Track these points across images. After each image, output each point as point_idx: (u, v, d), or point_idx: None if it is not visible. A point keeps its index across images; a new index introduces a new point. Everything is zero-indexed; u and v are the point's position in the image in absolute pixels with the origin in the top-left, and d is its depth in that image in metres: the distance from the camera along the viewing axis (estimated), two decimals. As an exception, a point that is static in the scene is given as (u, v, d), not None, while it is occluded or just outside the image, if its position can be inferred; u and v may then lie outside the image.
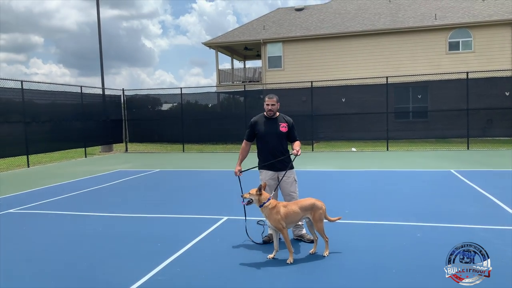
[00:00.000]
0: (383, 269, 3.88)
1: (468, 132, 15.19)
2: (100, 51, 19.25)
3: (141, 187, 9.05)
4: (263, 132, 4.79)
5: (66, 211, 6.73)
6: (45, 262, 4.36)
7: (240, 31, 23.81)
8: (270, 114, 4.81)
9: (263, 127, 4.81)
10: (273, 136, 4.76)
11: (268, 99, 4.80)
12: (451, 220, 5.50)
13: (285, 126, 4.80)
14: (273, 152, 4.74)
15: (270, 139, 4.76)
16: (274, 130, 4.76)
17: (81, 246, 4.89)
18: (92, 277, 3.91)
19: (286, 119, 4.89)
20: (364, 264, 4.02)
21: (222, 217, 5.94)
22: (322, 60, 21.23)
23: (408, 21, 20.56)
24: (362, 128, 16.62)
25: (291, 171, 4.80)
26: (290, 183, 4.77)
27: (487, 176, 9.02)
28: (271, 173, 4.78)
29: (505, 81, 15.84)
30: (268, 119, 4.85)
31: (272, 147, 4.74)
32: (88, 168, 12.49)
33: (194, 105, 19.46)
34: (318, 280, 3.70)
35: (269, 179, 4.76)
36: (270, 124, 4.80)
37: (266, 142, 4.79)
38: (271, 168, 4.78)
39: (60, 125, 15.00)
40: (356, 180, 9.11)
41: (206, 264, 4.17)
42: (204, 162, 13.50)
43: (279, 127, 4.77)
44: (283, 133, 4.77)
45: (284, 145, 4.82)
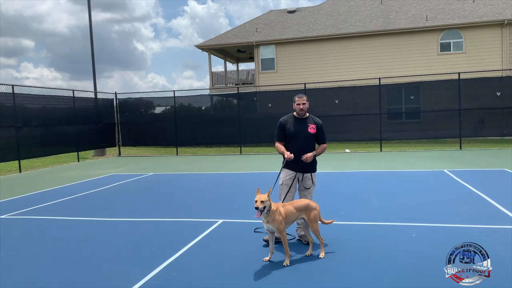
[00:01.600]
0: (379, 270, 3.88)
1: (460, 132, 15.30)
2: (92, 54, 19.16)
3: (134, 191, 8.99)
4: (292, 133, 4.74)
5: (59, 216, 6.66)
6: (37, 268, 4.30)
7: (233, 33, 23.82)
8: (302, 113, 4.76)
9: (291, 127, 4.76)
10: (301, 136, 4.71)
11: (298, 99, 4.75)
12: (445, 219, 5.52)
13: (314, 128, 4.75)
14: (300, 152, 4.64)
15: (298, 140, 4.71)
16: (302, 131, 4.71)
17: (74, 251, 4.84)
18: (86, 283, 3.87)
19: (316, 120, 4.85)
20: (360, 265, 4.03)
21: (217, 220, 5.92)
22: (315, 62, 21.30)
23: (399, 23, 20.70)
24: (355, 129, 16.68)
25: (313, 174, 4.79)
26: (308, 185, 4.76)
27: (480, 175, 9.08)
28: (292, 173, 4.74)
29: (496, 81, 16.00)
30: (298, 119, 4.80)
31: (299, 148, 4.66)
32: (81, 172, 12.40)
33: (187, 108, 19.40)
34: (314, 282, 3.69)
35: (288, 179, 4.74)
36: (299, 125, 4.76)
37: (294, 143, 4.73)
38: (292, 167, 4.73)
39: (52, 129, 14.87)
40: (350, 181, 9.13)
41: (202, 267, 4.14)
42: (198, 165, 13.46)
43: (308, 128, 4.73)
44: (311, 134, 4.74)
45: (311, 146, 4.76)
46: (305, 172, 4.73)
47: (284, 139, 4.84)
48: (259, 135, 16.75)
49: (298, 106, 4.74)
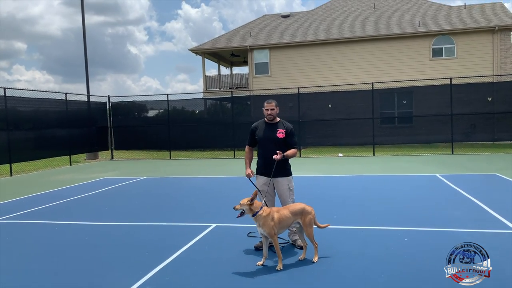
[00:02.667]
0: (373, 274, 3.90)
1: (452, 136, 15.43)
2: (85, 57, 19.08)
3: (127, 195, 8.94)
4: (261, 137, 4.80)
5: (51, 220, 6.60)
6: (27, 273, 4.26)
7: (227, 37, 23.86)
8: (270, 118, 4.80)
9: (261, 132, 4.82)
10: (270, 141, 4.74)
11: (267, 104, 4.80)
12: (437, 224, 5.56)
13: (283, 132, 4.76)
14: (269, 157, 4.67)
15: (267, 145, 4.74)
16: (271, 136, 4.75)
17: (66, 256, 4.79)
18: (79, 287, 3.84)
19: (286, 125, 4.86)
20: (353, 269, 4.04)
21: (210, 224, 5.90)
22: (309, 66, 21.40)
23: (392, 28, 20.89)
24: (348, 133, 16.77)
25: (284, 179, 4.76)
26: (283, 191, 4.74)
27: (472, 180, 9.17)
28: (265, 179, 4.76)
29: (487, 87, 16.19)
30: (268, 124, 4.84)
31: (268, 153, 4.69)
32: (73, 176, 12.31)
33: (181, 112, 19.38)
34: (308, 286, 3.69)
35: (263, 185, 4.74)
36: (269, 130, 4.80)
37: (264, 147, 4.79)
38: (264, 173, 4.76)
39: (44, 132, 14.76)
40: (344, 185, 9.17)
41: (195, 272, 4.13)
42: (192, 169, 13.42)
43: (276, 132, 4.76)
44: (280, 139, 4.74)
45: (281, 151, 4.71)
46: (277, 177, 4.71)
47: (254, 145, 4.94)
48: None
49: (266, 112, 4.80)
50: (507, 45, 19.36)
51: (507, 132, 16.21)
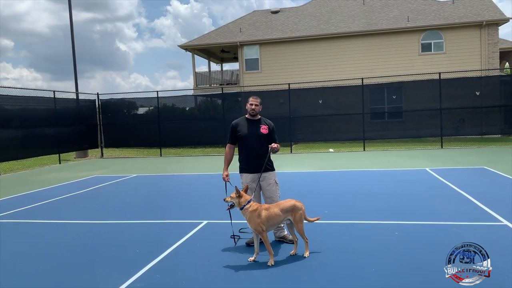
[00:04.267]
0: (363, 268, 3.92)
1: (441, 131, 15.58)
2: (73, 54, 18.85)
3: (117, 193, 8.88)
4: (244, 134, 4.78)
5: (39, 219, 6.53)
6: (16, 273, 4.20)
7: (217, 33, 23.76)
8: (253, 113, 4.79)
9: (244, 129, 4.80)
10: (254, 137, 4.74)
11: (253, 99, 4.81)
12: (427, 217, 5.61)
13: (266, 128, 4.80)
14: (253, 154, 4.72)
15: (251, 141, 4.74)
16: (255, 132, 4.75)
17: (55, 255, 4.75)
18: (70, 286, 3.80)
19: (267, 122, 4.90)
20: (344, 264, 4.06)
21: (201, 221, 5.89)
22: (299, 62, 21.41)
23: (381, 23, 20.97)
24: (339, 129, 16.83)
25: (271, 173, 4.79)
26: (270, 186, 4.75)
27: (460, 173, 9.27)
28: (251, 176, 4.76)
29: (475, 81, 16.37)
30: (250, 121, 4.84)
31: (252, 149, 4.72)
32: (62, 174, 12.18)
33: (171, 109, 19.26)
34: (299, 281, 3.70)
35: (249, 182, 4.74)
36: (251, 126, 4.80)
37: (247, 144, 4.77)
38: (250, 170, 4.77)
39: (32, 131, 14.56)
40: (334, 180, 9.20)
41: (187, 269, 4.12)
42: (183, 166, 13.37)
43: (260, 129, 4.77)
44: (263, 135, 4.77)
45: (264, 147, 4.80)
46: (263, 172, 4.73)
47: (235, 142, 4.90)
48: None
49: (250, 106, 4.79)
50: (494, 39, 19.56)
51: (494, 126, 16.43)
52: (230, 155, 4.96)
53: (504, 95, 16.58)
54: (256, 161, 4.71)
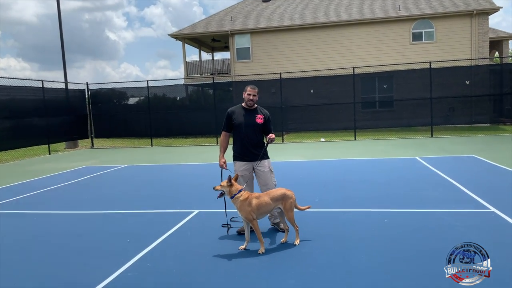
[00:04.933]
0: (353, 255, 3.96)
1: (432, 120, 15.69)
2: (62, 44, 18.56)
3: (108, 183, 8.84)
4: (239, 123, 4.75)
5: (29, 210, 6.48)
6: (6, 263, 4.18)
7: (207, 22, 23.52)
8: (250, 104, 4.77)
9: (239, 118, 4.77)
10: (249, 127, 4.73)
11: (251, 89, 4.76)
12: (417, 205, 5.68)
13: (262, 118, 4.78)
14: (248, 142, 4.71)
15: (246, 130, 4.73)
16: (250, 121, 4.73)
17: (46, 245, 4.72)
18: (60, 276, 3.79)
19: (263, 111, 4.87)
20: (334, 251, 4.10)
21: (192, 210, 5.89)
22: (290, 51, 21.32)
23: (373, 12, 20.92)
24: (330, 118, 16.86)
25: (266, 161, 4.79)
26: (265, 174, 4.74)
27: (450, 162, 9.37)
28: (244, 164, 4.75)
29: (465, 70, 16.46)
30: (246, 110, 4.81)
31: (247, 138, 4.71)
32: (52, 165, 12.07)
33: (162, 98, 19.11)
34: (290, 268, 3.73)
35: (242, 170, 4.73)
36: (247, 115, 4.77)
37: (241, 133, 4.75)
38: (244, 159, 4.76)
39: (21, 121, 14.37)
40: (325, 169, 9.25)
41: (178, 258, 4.13)
42: (174, 156, 13.33)
43: (256, 118, 4.75)
44: (259, 124, 4.75)
45: (259, 136, 4.80)
46: (257, 160, 4.73)
47: (231, 130, 4.88)
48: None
49: (248, 96, 4.75)
50: (484, 29, 19.64)
51: (484, 115, 16.59)
52: (226, 143, 4.94)
53: (493, 84, 16.73)
54: (250, 150, 4.71)
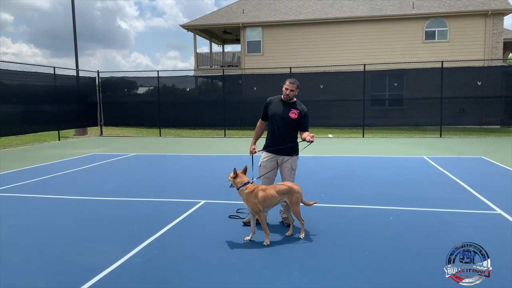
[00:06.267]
0: (357, 250, 3.99)
1: (441, 120, 15.58)
2: (74, 31, 18.66)
3: (116, 171, 8.93)
4: (273, 113, 4.73)
5: (39, 194, 6.59)
6: (17, 246, 4.27)
7: (219, 14, 23.48)
8: (287, 98, 4.72)
9: (274, 109, 4.74)
10: (281, 119, 4.67)
11: (290, 84, 4.69)
12: (423, 204, 5.68)
13: (296, 113, 4.67)
14: (277, 135, 4.67)
15: (278, 122, 4.68)
16: (283, 114, 4.67)
17: (55, 229, 4.81)
18: (68, 260, 3.87)
19: (301, 107, 4.76)
20: (338, 246, 4.13)
21: (199, 200, 5.95)
22: (301, 45, 21.23)
23: (386, 9, 20.73)
24: (339, 115, 16.81)
25: (290, 158, 4.71)
26: (286, 170, 4.73)
27: (458, 162, 9.32)
28: (270, 155, 4.75)
29: (477, 71, 16.29)
30: (283, 102, 4.76)
31: (278, 130, 4.67)
32: (61, 151, 12.21)
33: (171, 89, 19.19)
34: (294, 261, 3.78)
35: (266, 161, 4.75)
36: (282, 107, 4.72)
37: (273, 124, 4.72)
38: (270, 150, 4.75)
39: (32, 107, 14.53)
40: (332, 165, 9.26)
41: (184, 246, 4.18)
42: (182, 146, 13.40)
43: (289, 112, 4.67)
44: (291, 119, 4.66)
45: (291, 131, 4.70)
46: (283, 155, 4.72)
47: (267, 119, 4.86)
48: (244, 118, 16.69)
49: (286, 91, 4.69)
50: (499, 29, 19.38)
51: (494, 116, 16.43)
52: (260, 131, 4.95)
53: (505, 86, 16.53)
54: (278, 142, 4.67)
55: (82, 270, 3.62)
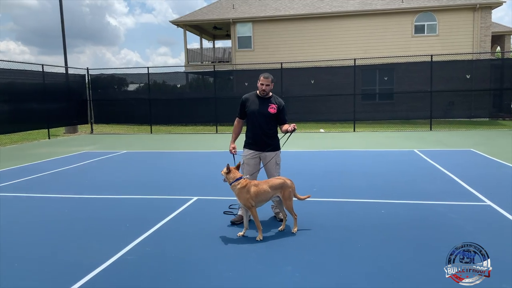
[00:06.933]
0: (349, 244, 4.02)
1: (431, 113, 15.71)
2: (62, 28, 18.44)
3: (107, 168, 8.87)
4: (252, 111, 4.71)
5: (29, 193, 6.52)
6: (6, 246, 4.23)
7: (209, 9, 23.36)
8: (263, 94, 4.71)
9: (252, 106, 4.73)
10: (261, 115, 4.67)
11: (264, 79, 4.67)
12: (413, 196, 5.73)
13: (275, 108, 4.69)
14: (258, 131, 4.66)
15: (257, 119, 4.68)
16: (262, 110, 4.67)
17: (46, 228, 4.77)
18: (59, 259, 3.84)
19: (278, 100, 4.78)
20: (331, 240, 4.15)
21: (192, 197, 5.94)
22: (292, 41, 21.21)
23: (376, 4, 20.79)
24: (330, 109, 16.87)
25: (272, 153, 4.72)
26: (270, 165, 4.73)
27: (448, 155, 9.42)
28: (252, 152, 4.74)
29: (466, 64, 16.45)
30: (260, 98, 4.75)
31: (258, 127, 4.66)
32: (51, 149, 12.09)
33: (162, 86, 19.08)
34: (287, 256, 3.79)
35: (249, 158, 4.73)
36: (260, 104, 4.71)
37: (253, 121, 4.71)
38: (253, 147, 4.73)
39: (20, 105, 14.34)
40: (324, 160, 9.29)
41: (176, 243, 4.18)
42: (173, 143, 13.35)
43: (268, 107, 4.68)
44: (271, 114, 4.68)
45: (271, 126, 4.71)
46: (265, 151, 4.71)
47: (244, 117, 4.85)
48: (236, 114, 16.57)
49: (261, 86, 4.69)
50: (487, 23, 19.55)
51: (483, 109, 16.61)
52: (239, 129, 4.94)
53: (493, 79, 16.72)
54: (261, 138, 4.66)
55: (74, 269, 3.60)
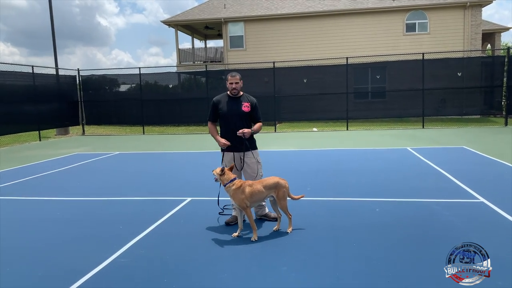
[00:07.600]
0: (344, 243, 4.01)
1: (423, 111, 15.81)
2: (52, 29, 18.26)
3: (99, 170, 8.79)
4: (225, 112, 4.68)
5: (20, 196, 6.44)
6: (-1, 249, 4.16)
7: (200, 9, 23.27)
8: (234, 92, 4.69)
9: (225, 107, 4.70)
10: (236, 116, 4.64)
11: (231, 77, 4.67)
12: (407, 194, 5.75)
13: (248, 106, 4.69)
14: (235, 132, 4.61)
15: (232, 119, 4.64)
16: (236, 110, 4.65)
17: (38, 231, 4.70)
18: (52, 262, 3.79)
19: (250, 98, 4.78)
20: (326, 239, 4.14)
21: (185, 198, 5.89)
22: (284, 40, 21.22)
23: (367, 2, 20.86)
24: (323, 108, 16.88)
25: (252, 152, 4.70)
26: (252, 164, 4.70)
27: (440, 152, 9.47)
28: (231, 155, 4.69)
29: (457, 62, 16.55)
30: (231, 98, 4.73)
31: (234, 127, 4.61)
32: (43, 151, 11.96)
33: (154, 86, 18.97)
34: (282, 255, 3.77)
35: (230, 160, 4.68)
36: (233, 104, 4.69)
37: (228, 122, 4.67)
38: (232, 149, 4.69)
39: (10, 107, 14.16)
40: (317, 159, 9.29)
41: (171, 245, 4.14)
42: (166, 144, 13.28)
43: (242, 106, 4.66)
44: (245, 113, 4.67)
45: (246, 125, 4.68)
46: (244, 151, 4.66)
47: (217, 119, 4.82)
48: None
49: (230, 85, 4.67)
50: (477, 21, 19.71)
51: (474, 106, 16.73)
52: (215, 129, 4.88)
53: (484, 77, 16.85)
54: (238, 139, 4.61)
55: (67, 272, 3.55)
